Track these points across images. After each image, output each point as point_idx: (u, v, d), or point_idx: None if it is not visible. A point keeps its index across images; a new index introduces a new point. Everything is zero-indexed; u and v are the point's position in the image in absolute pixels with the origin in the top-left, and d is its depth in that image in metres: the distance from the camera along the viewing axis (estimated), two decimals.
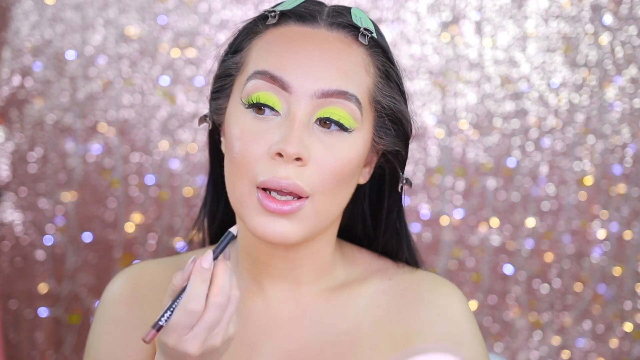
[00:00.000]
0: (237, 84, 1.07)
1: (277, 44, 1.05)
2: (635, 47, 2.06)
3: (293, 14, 1.07)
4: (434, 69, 2.07)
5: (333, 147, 1.03)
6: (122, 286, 1.14)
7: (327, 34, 1.06)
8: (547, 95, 2.07)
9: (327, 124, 1.03)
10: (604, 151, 2.07)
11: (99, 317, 1.14)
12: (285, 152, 0.99)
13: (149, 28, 2.06)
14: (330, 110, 1.02)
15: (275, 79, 1.02)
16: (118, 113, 2.07)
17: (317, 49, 1.04)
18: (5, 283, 2.07)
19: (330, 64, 1.03)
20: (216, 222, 1.21)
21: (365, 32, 1.07)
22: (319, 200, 1.03)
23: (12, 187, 2.07)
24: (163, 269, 1.16)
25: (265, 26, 1.08)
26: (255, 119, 1.03)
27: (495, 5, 2.07)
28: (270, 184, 1.00)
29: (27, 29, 2.05)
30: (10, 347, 2.07)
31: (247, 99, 1.03)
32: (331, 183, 1.03)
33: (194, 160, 2.07)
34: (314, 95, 1.02)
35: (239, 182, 1.03)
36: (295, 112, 1.02)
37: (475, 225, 2.09)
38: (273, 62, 1.03)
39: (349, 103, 1.03)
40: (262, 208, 1.01)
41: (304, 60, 1.03)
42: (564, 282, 2.09)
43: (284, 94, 1.02)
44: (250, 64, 1.05)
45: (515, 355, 2.10)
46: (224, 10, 2.07)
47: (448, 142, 2.08)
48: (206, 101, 2.05)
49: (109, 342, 1.11)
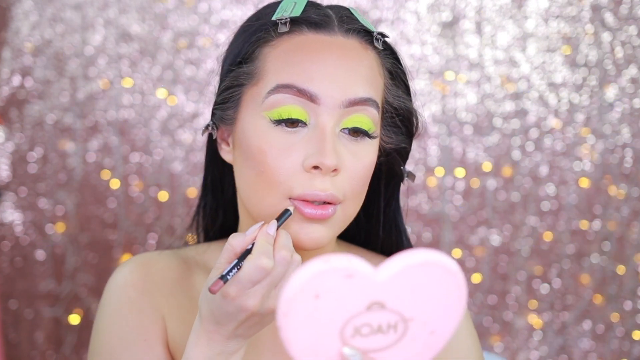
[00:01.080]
0: (250, 95, 1.06)
1: (298, 55, 1.04)
2: (635, 47, 2.06)
3: (305, 21, 1.07)
4: (434, 69, 2.07)
5: (359, 153, 1.04)
6: (133, 272, 1.14)
7: (344, 41, 1.06)
8: (547, 95, 2.07)
9: (356, 134, 1.04)
10: (604, 151, 2.07)
11: (109, 301, 1.13)
12: (324, 165, 1.00)
13: (149, 28, 2.06)
14: (356, 119, 1.04)
15: (302, 91, 1.02)
16: (118, 113, 2.07)
17: (338, 58, 1.04)
18: (5, 283, 2.07)
19: (353, 72, 1.04)
20: (216, 225, 1.22)
21: (378, 36, 1.08)
22: (348, 205, 1.05)
23: (12, 187, 2.07)
24: (169, 260, 1.17)
25: (278, 34, 1.06)
26: (283, 132, 1.03)
27: (495, 5, 2.07)
28: (309, 197, 1.02)
29: (27, 29, 2.05)
30: (10, 347, 2.07)
31: (271, 114, 1.03)
32: (359, 188, 1.05)
33: (194, 160, 2.07)
34: (342, 104, 1.03)
35: (269, 195, 1.03)
36: (325, 123, 1.02)
37: (475, 225, 2.09)
38: (297, 74, 1.03)
39: (371, 109, 1.04)
40: (301, 215, 1.02)
41: (328, 70, 1.03)
42: (564, 282, 2.09)
43: (311, 105, 1.02)
44: (269, 76, 1.04)
45: (515, 355, 2.10)
46: (224, 10, 2.07)
47: (448, 142, 2.08)
48: (206, 101, 2.07)
49: (122, 325, 1.11)
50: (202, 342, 0.97)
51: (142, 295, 1.13)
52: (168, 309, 1.13)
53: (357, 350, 0.79)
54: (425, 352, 0.82)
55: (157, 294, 1.13)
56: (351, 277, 0.76)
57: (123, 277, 1.14)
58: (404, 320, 0.80)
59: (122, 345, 1.09)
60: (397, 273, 0.77)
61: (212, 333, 0.96)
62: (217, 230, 1.22)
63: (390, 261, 0.77)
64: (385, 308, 0.78)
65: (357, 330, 0.79)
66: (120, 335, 1.10)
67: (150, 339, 1.10)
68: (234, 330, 0.96)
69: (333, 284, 0.76)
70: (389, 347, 0.81)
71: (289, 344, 0.78)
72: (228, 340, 0.97)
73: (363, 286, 0.77)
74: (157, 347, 1.10)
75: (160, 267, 1.16)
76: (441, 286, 0.79)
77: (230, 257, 0.96)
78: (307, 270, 0.75)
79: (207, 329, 0.96)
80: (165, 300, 1.13)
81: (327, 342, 0.79)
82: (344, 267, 0.76)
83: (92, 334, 1.14)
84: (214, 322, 0.96)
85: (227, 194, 1.20)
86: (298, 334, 0.77)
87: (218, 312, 0.95)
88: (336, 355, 0.80)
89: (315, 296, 0.76)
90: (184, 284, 1.15)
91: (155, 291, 1.13)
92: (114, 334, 1.11)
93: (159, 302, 1.12)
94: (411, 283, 0.78)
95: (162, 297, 1.13)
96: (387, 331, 0.80)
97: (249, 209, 1.08)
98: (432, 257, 0.78)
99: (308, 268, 0.75)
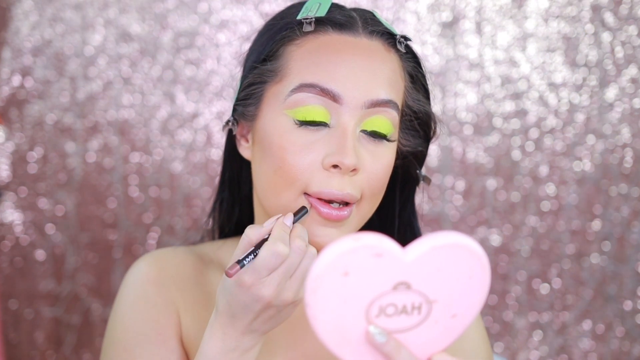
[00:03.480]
0: (273, 92, 1.07)
1: (322, 55, 1.05)
2: (635, 47, 2.06)
3: (330, 21, 1.08)
4: (434, 69, 2.07)
5: (378, 154, 1.05)
6: (149, 267, 1.15)
7: (368, 43, 1.07)
8: (547, 95, 2.07)
9: (375, 134, 1.05)
10: (604, 151, 2.07)
11: (126, 296, 1.14)
12: (343, 164, 1.01)
13: (149, 28, 2.06)
14: (376, 121, 1.04)
15: (325, 91, 1.03)
16: (118, 113, 2.07)
17: (362, 59, 1.05)
18: (5, 283, 2.07)
19: (376, 73, 1.05)
20: (232, 222, 1.23)
21: (401, 39, 1.09)
22: (364, 206, 1.06)
23: (12, 187, 2.07)
24: (184, 256, 1.18)
25: (303, 33, 1.08)
26: (304, 129, 1.04)
27: (495, 5, 2.07)
28: (325, 195, 1.03)
29: (27, 29, 2.05)
30: (10, 347, 2.07)
31: (294, 113, 1.04)
32: (377, 188, 1.06)
33: (194, 160, 2.07)
34: (363, 105, 1.04)
35: (286, 191, 1.04)
36: (347, 123, 1.03)
37: (475, 225, 2.09)
38: (321, 73, 1.04)
39: (392, 111, 1.05)
40: (318, 215, 1.03)
41: (352, 71, 1.04)
42: (564, 282, 2.09)
43: (333, 105, 1.03)
44: (292, 74, 1.06)
45: (515, 355, 2.10)
46: (224, 10, 2.07)
47: (448, 142, 2.08)
48: (206, 101, 2.07)
49: (139, 320, 1.11)
50: (216, 336, 0.97)
51: (158, 290, 1.13)
52: (183, 304, 1.13)
53: (382, 329, 0.80)
54: (446, 336, 0.83)
55: (172, 289, 1.14)
56: (380, 256, 0.77)
57: (140, 273, 1.15)
58: (428, 302, 0.80)
59: (137, 340, 1.10)
60: (424, 254, 0.78)
61: (227, 327, 0.96)
62: (233, 227, 1.23)
63: (418, 242, 0.78)
64: (411, 289, 0.79)
65: (382, 310, 0.80)
66: (135, 330, 1.11)
67: (165, 333, 1.10)
68: (249, 324, 0.96)
69: (362, 261, 0.77)
70: (411, 329, 0.81)
71: (316, 321, 0.79)
72: (243, 335, 0.97)
73: (391, 266, 0.78)
74: (171, 341, 1.10)
75: (175, 262, 1.16)
76: (466, 269, 0.80)
77: (246, 248, 0.97)
78: (338, 247, 0.76)
79: (222, 322, 0.97)
80: (180, 295, 1.13)
81: (353, 320, 0.79)
82: (374, 245, 0.77)
83: (107, 328, 1.14)
84: (230, 314, 0.96)
85: (243, 191, 1.21)
86: (325, 311, 0.78)
87: (234, 302, 0.95)
88: (361, 334, 0.80)
89: (345, 273, 0.77)
90: (199, 279, 1.16)
91: (171, 286, 1.14)
92: (129, 329, 1.11)
93: (174, 297, 1.13)
94: (437, 264, 0.79)
95: (177, 292, 1.13)
96: (411, 312, 0.81)
97: (265, 205, 1.08)
98: (459, 240, 0.79)
99: (339, 245, 0.76)
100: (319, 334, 0.79)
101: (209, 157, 2.06)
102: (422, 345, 0.82)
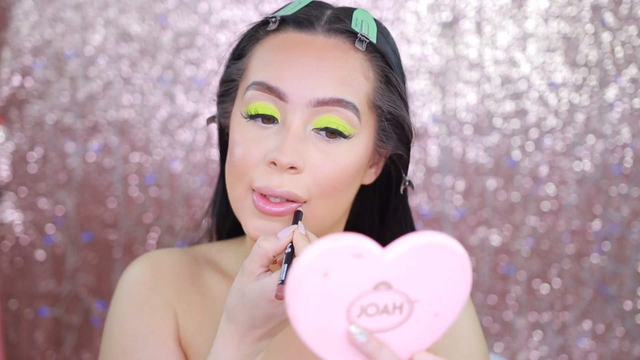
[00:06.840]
0: (240, 90, 1.09)
1: (275, 53, 1.06)
2: (635, 47, 2.06)
3: (292, 20, 1.08)
4: (434, 69, 2.07)
5: (330, 154, 1.04)
6: (143, 270, 1.16)
7: (324, 41, 1.07)
8: (547, 95, 2.07)
9: (332, 135, 1.04)
10: (604, 151, 2.07)
11: (121, 300, 1.14)
12: (278, 161, 1.02)
13: (149, 28, 2.06)
14: (326, 119, 1.04)
15: (272, 89, 1.04)
16: (118, 113, 2.07)
17: (313, 58, 1.05)
18: (5, 283, 2.07)
19: (325, 73, 1.04)
20: (227, 222, 1.23)
21: (362, 38, 1.07)
22: (316, 206, 1.05)
23: (12, 187, 2.07)
24: (179, 257, 1.19)
25: (266, 32, 1.09)
26: (257, 126, 1.05)
27: (495, 5, 2.07)
28: (264, 190, 1.03)
29: (27, 29, 2.05)
30: (10, 347, 2.07)
31: (246, 109, 1.05)
32: (328, 188, 1.05)
33: (194, 160, 2.07)
34: (309, 104, 1.03)
35: (237, 184, 1.05)
36: (291, 121, 1.03)
37: (475, 225, 2.09)
38: (270, 72, 1.05)
39: (345, 110, 1.04)
40: (256, 209, 1.03)
41: (299, 70, 1.04)
42: (564, 282, 2.09)
43: (280, 103, 1.04)
44: (250, 72, 1.07)
45: (515, 355, 2.10)
46: (224, 10, 2.07)
47: (448, 142, 2.08)
48: (206, 101, 2.07)
49: (135, 324, 1.12)
50: (233, 344, 0.97)
51: (154, 292, 1.14)
52: (179, 305, 1.14)
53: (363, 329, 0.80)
54: (428, 335, 0.83)
55: (167, 290, 1.14)
56: (360, 257, 0.77)
57: (134, 275, 1.15)
58: (410, 301, 0.81)
59: (135, 343, 1.10)
60: (404, 254, 0.78)
61: (245, 336, 0.97)
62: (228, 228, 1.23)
63: (398, 242, 0.78)
64: (392, 288, 0.79)
65: (364, 310, 0.80)
66: (133, 333, 1.11)
67: (163, 335, 1.11)
68: (269, 331, 0.97)
69: (342, 262, 0.77)
70: (393, 328, 0.82)
71: (296, 321, 0.79)
72: (259, 341, 0.97)
73: (371, 266, 0.78)
74: (169, 343, 1.11)
75: (170, 263, 1.17)
76: (447, 268, 0.80)
77: (262, 260, 0.97)
78: (317, 248, 0.76)
79: (241, 331, 0.97)
80: (176, 296, 1.14)
81: (334, 320, 0.80)
82: (353, 246, 0.77)
83: (104, 332, 1.14)
84: (251, 325, 0.96)
85: None
86: (306, 311, 0.78)
87: (260, 314, 0.95)
88: (342, 334, 0.80)
89: (324, 274, 0.77)
90: (194, 280, 1.16)
91: (166, 287, 1.14)
92: (126, 332, 1.11)
93: (170, 298, 1.13)
94: (417, 264, 0.79)
95: (172, 293, 1.14)
96: (393, 312, 0.81)
97: (230, 202, 1.09)
98: (438, 239, 0.79)
99: (318, 246, 0.76)
100: (301, 335, 0.80)
101: (209, 157, 2.06)
102: (405, 345, 0.82)
